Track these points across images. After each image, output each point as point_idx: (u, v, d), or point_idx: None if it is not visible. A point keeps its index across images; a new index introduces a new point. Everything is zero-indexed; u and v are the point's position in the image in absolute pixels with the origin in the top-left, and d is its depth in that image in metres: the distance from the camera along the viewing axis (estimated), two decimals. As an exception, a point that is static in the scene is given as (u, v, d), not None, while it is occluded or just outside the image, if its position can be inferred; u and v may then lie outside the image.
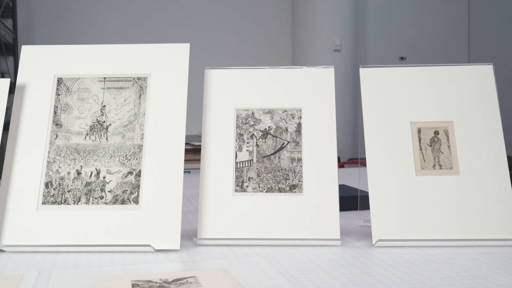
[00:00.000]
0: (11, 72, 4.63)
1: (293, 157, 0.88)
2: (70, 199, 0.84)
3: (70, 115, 0.89)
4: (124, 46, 0.93)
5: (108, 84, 0.90)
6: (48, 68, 0.92)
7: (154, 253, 0.80)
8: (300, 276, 0.68)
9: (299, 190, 0.86)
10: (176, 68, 0.91)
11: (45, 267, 0.73)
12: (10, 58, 4.72)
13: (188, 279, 0.66)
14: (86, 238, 0.81)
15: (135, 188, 0.84)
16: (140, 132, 0.87)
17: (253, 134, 0.90)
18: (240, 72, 0.93)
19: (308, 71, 0.93)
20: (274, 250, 0.81)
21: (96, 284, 0.64)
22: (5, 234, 0.81)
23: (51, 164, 0.86)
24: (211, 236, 0.84)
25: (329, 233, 0.83)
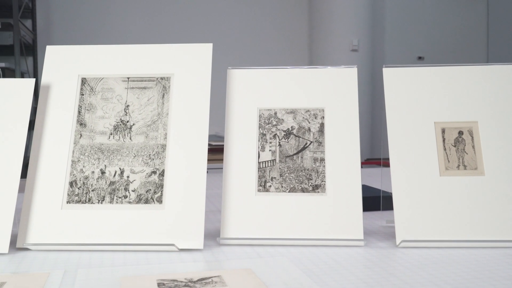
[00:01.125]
0: (30, 72, 4.67)
1: (316, 157, 0.88)
2: (95, 198, 0.84)
3: (94, 115, 0.90)
4: (147, 46, 0.94)
5: (132, 84, 0.91)
6: (72, 68, 0.92)
7: (177, 252, 0.80)
8: (324, 276, 0.68)
9: (322, 190, 0.86)
10: (199, 68, 0.91)
11: (71, 265, 0.74)
12: (30, 58, 4.76)
13: (213, 278, 0.66)
14: (110, 237, 0.81)
15: (158, 188, 0.85)
16: (164, 131, 0.88)
17: (276, 134, 0.90)
18: (263, 72, 0.94)
19: (331, 70, 0.93)
20: (297, 250, 0.81)
21: (122, 282, 0.65)
22: (30, 232, 0.82)
23: (75, 164, 0.87)
24: (234, 235, 0.84)
25: (352, 233, 0.83)
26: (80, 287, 0.64)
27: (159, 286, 0.63)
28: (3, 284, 0.64)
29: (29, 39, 4.57)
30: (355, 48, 5.18)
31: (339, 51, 5.26)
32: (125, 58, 0.93)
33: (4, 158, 0.84)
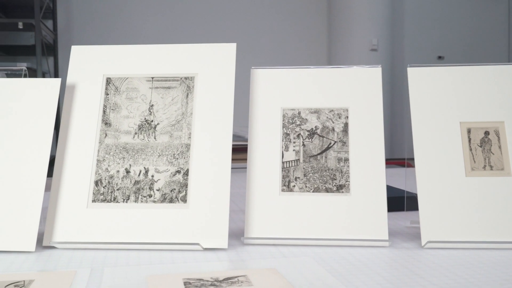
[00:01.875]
0: (51, 72, 4.72)
1: (340, 157, 0.88)
2: (120, 197, 0.85)
3: (119, 114, 0.90)
4: (171, 46, 0.94)
5: (156, 84, 0.91)
6: (97, 68, 0.93)
7: (202, 251, 0.80)
8: (350, 276, 0.68)
9: (346, 190, 0.86)
10: (223, 67, 0.91)
11: (97, 264, 0.74)
12: (50, 58, 4.81)
13: (238, 278, 0.66)
14: (136, 236, 0.82)
15: (183, 187, 0.85)
16: (188, 131, 0.88)
17: (300, 133, 0.90)
18: (287, 72, 0.93)
19: (355, 70, 0.92)
20: (322, 250, 0.80)
21: (149, 281, 0.65)
22: (56, 231, 0.83)
23: (100, 163, 0.87)
24: (258, 235, 0.84)
25: (377, 234, 0.83)
26: (107, 285, 0.65)
27: (185, 285, 0.64)
28: (31, 282, 0.65)
29: (50, 39, 4.62)
30: (375, 48, 5.16)
31: (358, 50, 5.24)
32: (149, 58, 0.93)
33: (30, 157, 0.85)
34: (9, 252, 0.80)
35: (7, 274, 0.69)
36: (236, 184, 1.37)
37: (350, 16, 5.26)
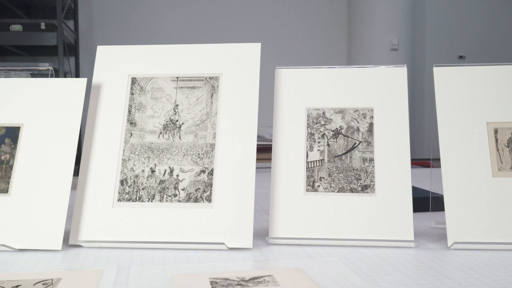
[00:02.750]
0: (73, 72, 4.76)
1: (365, 157, 0.88)
2: (145, 197, 0.85)
3: (144, 114, 0.91)
4: (196, 46, 0.94)
5: (181, 84, 0.92)
6: (123, 68, 0.94)
7: (227, 251, 0.80)
8: (377, 277, 0.68)
9: (371, 191, 0.85)
10: (247, 67, 0.91)
11: (123, 262, 0.75)
12: (72, 58, 4.85)
13: (265, 277, 0.66)
14: (161, 235, 0.82)
15: (207, 187, 0.85)
16: (212, 131, 0.88)
17: (324, 133, 0.90)
18: (311, 71, 0.93)
19: (380, 70, 0.92)
20: (347, 251, 0.80)
21: (175, 280, 0.65)
22: (82, 230, 0.84)
23: (126, 162, 0.88)
24: (282, 235, 0.84)
25: (402, 234, 0.82)
26: (134, 284, 0.65)
27: (211, 284, 0.64)
28: (59, 280, 0.65)
29: (71, 39, 4.66)
30: (395, 47, 5.13)
31: (378, 50, 5.22)
32: (174, 58, 0.94)
33: (57, 156, 0.86)
34: (36, 250, 0.81)
35: (35, 273, 0.70)
36: (258, 184, 1.37)
37: (370, 16, 5.24)
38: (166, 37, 5.18)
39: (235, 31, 5.41)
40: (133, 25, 5.23)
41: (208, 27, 5.36)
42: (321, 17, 5.68)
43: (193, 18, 5.36)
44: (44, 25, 4.04)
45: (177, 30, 5.30)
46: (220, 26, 5.38)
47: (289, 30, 5.60)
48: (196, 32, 5.31)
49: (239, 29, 5.43)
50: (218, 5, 5.42)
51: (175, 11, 5.33)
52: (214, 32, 5.35)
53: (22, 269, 0.72)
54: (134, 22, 5.24)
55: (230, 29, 5.41)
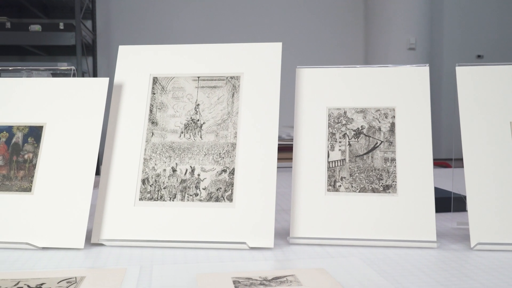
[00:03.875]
0: (90, 72, 4.79)
1: (386, 157, 0.87)
2: (166, 196, 0.86)
3: (165, 114, 0.91)
4: (217, 45, 0.95)
5: (202, 83, 0.92)
6: (144, 68, 0.94)
7: (248, 250, 0.80)
8: (400, 277, 0.67)
9: (393, 191, 0.85)
10: (268, 67, 0.91)
11: (145, 261, 0.75)
12: (89, 58, 4.88)
13: (287, 277, 0.66)
14: (182, 234, 0.82)
15: (229, 186, 0.85)
16: (234, 130, 0.88)
17: (346, 133, 0.89)
18: (332, 71, 0.93)
19: (402, 69, 0.91)
20: (368, 251, 0.80)
21: (198, 279, 0.66)
22: (104, 228, 0.84)
23: (147, 161, 0.88)
24: (303, 235, 0.84)
25: (425, 235, 0.82)
26: (157, 283, 0.65)
27: (234, 284, 0.64)
28: (83, 278, 0.66)
29: (89, 39, 4.68)
30: (412, 47, 5.10)
31: (395, 49, 5.18)
32: (195, 58, 0.94)
33: (79, 155, 0.86)
34: (59, 248, 0.81)
35: (58, 271, 0.70)
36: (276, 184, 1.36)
37: (387, 15, 5.21)
38: (184, 37, 5.18)
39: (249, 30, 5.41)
40: (150, 24, 5.25)
41: (227, 27, 5.37)
42: (337, 16, 5.67)
43: (211, 18, 5.37)
44: (62, 25, 4.08)
45: (195, 30, 5.30)
46: (236, 26, 5.38)
47: (305, 29, 5.59)
48: (215, 32, 5.32)
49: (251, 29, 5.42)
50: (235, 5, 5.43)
51: (193, 10, 5.33)
52: (232, 32, 5.35)
53: (45, 267, 0.73)
54: (151, 21, 5.26)
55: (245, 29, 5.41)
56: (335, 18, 5.66)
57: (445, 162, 4.21)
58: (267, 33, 5.38)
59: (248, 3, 5.45)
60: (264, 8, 5.47)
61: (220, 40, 4.73)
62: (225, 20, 5.39)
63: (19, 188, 0.85)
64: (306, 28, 5.59)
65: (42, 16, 4.72)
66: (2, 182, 0.86)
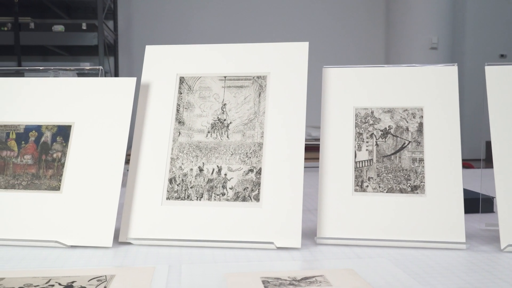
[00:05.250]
0: (112, 72, 4.82)
1: (414, 157, 0.86)
2: (193, 195, 0.86)
3: (192, 113, 0.91)
4: (243, 45, 0.95)
5: (229, 83, 0.92)
6: (171, 67, 0.94)
7: (275, 250, 0.80)
8: (430, 279, 0.67)
9: (421, 191, 0.84)
10: (295, 66, 0.91)
11: (173, 260, 0.75)
12: (111, 58, 4.91)
13: (316, 277, 0.66)
14: (209, 233, 0.83)
15: (255, 186, 0.85)
16: (260, 130, 0.88)
17: (373, 133, 0.89)
18: (359, 70, 0.92)
19: (430, 69, 0.91)
20: (396, 252, 0.79)
21: (227, 279, 0.66)
22: (132, 227, 0.85)
23: (174, 161, 0.88)
24: (330, 235, 0.84)
25: (453, 236, 0.81)
26: (187, 282, 0.65)
27: (263, 283, 0.64)
28: (113, 277, 0.66)
29: (111, 39, 4.72)
30: (435, 46, 5.05)
31: (417, 49, 5.14)
32: (221, 57, 0.94)
33: (107, 155, 0.87)
34: (87, 247, 0.82)
35: (88, 269, 0.71)
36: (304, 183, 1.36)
37: (409, 14, 5.17)
38: (206, 37, 5.19)
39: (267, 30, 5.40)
40: (171, 24, 5.27)
41: (248, 27, 5.36)
42: (357, 16, 5.64)
43: (232, 18, 5.37)
44: (85, 25, 4.11)
45: (219, 30, 5.31)
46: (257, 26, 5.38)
47: (324, 29, 5.57)
48: (235, 32, 5.32)
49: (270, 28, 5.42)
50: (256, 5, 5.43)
51: (213, 10, 5.34)
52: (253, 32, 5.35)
53: (75, 265, 0.73)
54: (172, 21, 5.28)
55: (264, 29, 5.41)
56: (356, 17, 5.63)
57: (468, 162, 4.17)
58: (286, 32, 5.36)
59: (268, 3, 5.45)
60: (282, 7, 5.46)
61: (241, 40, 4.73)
62: (245, 20, 5.39)
63: (48, 187, 0.86)
64: (325, 27, 5.57)
65: (65, 17, 4.77)
66: (32, 181, 0.87)
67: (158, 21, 5.26)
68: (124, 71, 5.12)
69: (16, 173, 0.88)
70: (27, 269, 0.71)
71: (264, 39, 4.74)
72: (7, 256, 0.77)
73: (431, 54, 5.09)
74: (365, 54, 5.64)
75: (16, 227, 0.83)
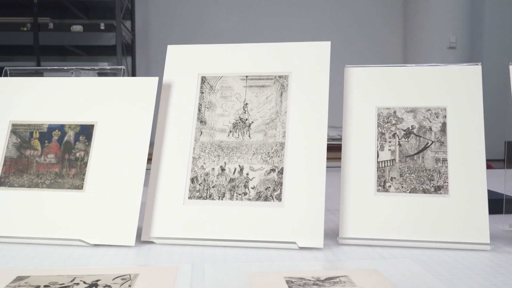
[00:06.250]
0: (129, 72, 4.84)
1: (438, 158, 0.86)
2: (215, 195, 0.86)
3: (214, 113, 0.91)
4: (265, 45, 0.95)
5: (250, 83, 0.92)
6: (193, 67, 0.95)
7: (298, 250, 0.80)
8: (456, 280, 0.66)
9: (445, 192, 0.84)
10: (317, 66, 0.91)
11: (196, 260, 0.75)
12: (128, 58, 4.93)
13: (340, 278, 0.65)
14: (231, 233, 0.83)
15: (277, 185, 0.85)
16: (282, 130, 0.88)
17: (395, 133, 0.88)
18: (381, 70, 0.92)
19: (453, 68, 0.90)
20: (420, 252, 0.79)
21: (251, 279, 0.66)
22: (154, 226, 0.85)
23: (196, 160, 0.88)
24: (353, 235, 0.83)
25: (478, 237, 0.80)
26: (211, 281, 0.65)
27: (287, 283, 0.63)
28: (137, 276, 0.66)
29: (128, 39, 4.74)
30: (453, 46, 5.02)
31: (435, 48, 5.11)
32: (243, 57, 0.94)
33: (130, 154, 0.87)
34: (110, 246, 0.82)
35: (112, 267, 0.71)
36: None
37: (427, 13, 5.13)
38: (224, 37, 5.18)
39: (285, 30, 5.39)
40: (188, 24, 5.28)
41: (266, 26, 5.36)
42: (375, 15, 5.61)
43: (253, 17, 5.36)
44: (103, 25, 4.13)
45: (236, 29, 5.30)
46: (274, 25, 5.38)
47: (341, 29, 5.55)
48: (257, 32, 5.30)
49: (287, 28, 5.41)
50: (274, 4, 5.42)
51: (234, 9, 5.34)
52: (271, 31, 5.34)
53: (99, 264, 0.74)
54: (190, 21, 5.29)
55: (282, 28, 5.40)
56: (373, 16, 5.60)
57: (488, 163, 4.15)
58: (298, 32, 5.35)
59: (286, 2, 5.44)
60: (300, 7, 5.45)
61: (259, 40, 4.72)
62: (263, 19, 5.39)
63: (71, 186, 0.87)
64: (341, 26, 5.55)
65: (83, 17, 4.80)
66: (55, 179, 0.87)
67: (175, 21, 5.28)
68: (141, 70, 5.14)
69: (40, 172, 0.88)
70: (51, 267, 0.72)
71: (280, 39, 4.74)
72: (32, 254, 0.78)
73: (449, 53, 5.06)
74: (382, 54, 5.61)
75: (40, 225, 0.84)
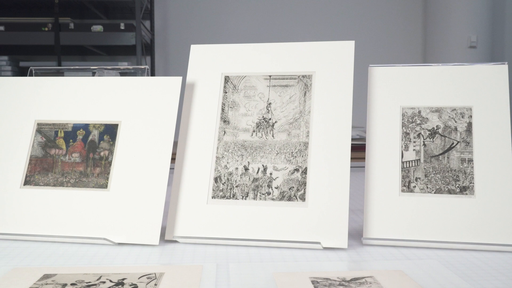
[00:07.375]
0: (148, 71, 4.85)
1: (463, 158, 0.85)
2: (239, 194, 0.86)
3: (237, 112, 0.91)
4: (288, 44, 0.94)
5: (274, 82, 0.92)
6: (216, 67, 0.95)
7: (322, 250, 0.80)
8: (483, 281, 0.65)
9: (471, 192, 0.83)
10: (341, 65, 0.90)
11: (221, 259, 0.75)
12: (147, 57, 4.96)
13: (366, 279, 0.65)
14: (255, 233, 0.83)
15: (301, 185, 0.85)
16: (306, 129, 0.88)
17: (420, 133, 0.87)
18: (406, 69, 0.91)
19: (478, 68, 0.89)
20: (446, 253, 0.78)
21: (276, 279, 0.65)
22: (178, 225, 0.85)
23: (219, 160, 0.89)
24: (377, 236, 0.83)
25: (505, 238, 0.79)
26: (236, 280, 0.65)
27: (313, 284, 0.63)
28: (162, 274, 0.67)
29: (147, 39, 4.76)
30: (474, 45, 4.97)
31: (455, 48, 5.06)
32: (266, 57, 0.94)
33: (154, 153, 0.87)
34: (135, 245, 0.82)
35: (137, 266, 0.71)
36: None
37: (447, 11, 5.09)
38: (245, 36, 5.18)
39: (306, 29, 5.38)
40: (208, 24, 5.29)
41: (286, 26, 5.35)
42: (395, 14, 5.58)
43: (274, 17, 5.36)
44: (123, 25, 4.16)
45: (257, 29, 5.29)
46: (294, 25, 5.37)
47: (361, 28, 5.52)
48: (277, 32, 5.30)
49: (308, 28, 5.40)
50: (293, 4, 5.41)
51: (254, 8, 5.33)
52: (291, 31, 5.34)
53: (124, 262, 0.74)
54: (209, 20, 5.29)
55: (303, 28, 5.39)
56: (393, 15, 5.57)
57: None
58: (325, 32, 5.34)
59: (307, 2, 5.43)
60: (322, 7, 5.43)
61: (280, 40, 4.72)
62: (283, 19, 5.38)
63: (95, 185, 0.87)
64: (361, 26, 5.52)
65: (103, 17, 4.83)
66: (79, 178, 0.88)
67: (194, 21, 5.29)
68: (160, 70, 5.16)
69: (65, 171, 0.89)
70: (77, 265, 0.72)
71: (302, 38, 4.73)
72: (58, 252, 0.79)
73: (470, 53, 5.01)
74: (402, 53, 5.58)
75: (65, 224, 0.85)
